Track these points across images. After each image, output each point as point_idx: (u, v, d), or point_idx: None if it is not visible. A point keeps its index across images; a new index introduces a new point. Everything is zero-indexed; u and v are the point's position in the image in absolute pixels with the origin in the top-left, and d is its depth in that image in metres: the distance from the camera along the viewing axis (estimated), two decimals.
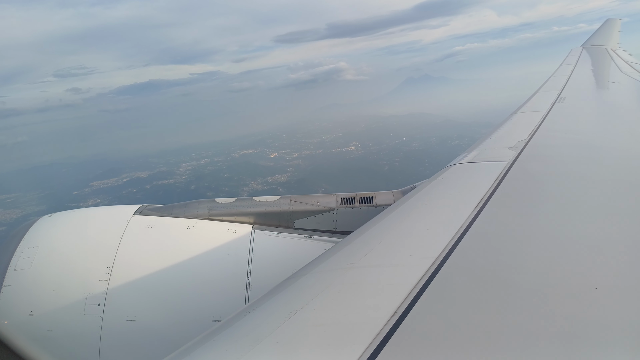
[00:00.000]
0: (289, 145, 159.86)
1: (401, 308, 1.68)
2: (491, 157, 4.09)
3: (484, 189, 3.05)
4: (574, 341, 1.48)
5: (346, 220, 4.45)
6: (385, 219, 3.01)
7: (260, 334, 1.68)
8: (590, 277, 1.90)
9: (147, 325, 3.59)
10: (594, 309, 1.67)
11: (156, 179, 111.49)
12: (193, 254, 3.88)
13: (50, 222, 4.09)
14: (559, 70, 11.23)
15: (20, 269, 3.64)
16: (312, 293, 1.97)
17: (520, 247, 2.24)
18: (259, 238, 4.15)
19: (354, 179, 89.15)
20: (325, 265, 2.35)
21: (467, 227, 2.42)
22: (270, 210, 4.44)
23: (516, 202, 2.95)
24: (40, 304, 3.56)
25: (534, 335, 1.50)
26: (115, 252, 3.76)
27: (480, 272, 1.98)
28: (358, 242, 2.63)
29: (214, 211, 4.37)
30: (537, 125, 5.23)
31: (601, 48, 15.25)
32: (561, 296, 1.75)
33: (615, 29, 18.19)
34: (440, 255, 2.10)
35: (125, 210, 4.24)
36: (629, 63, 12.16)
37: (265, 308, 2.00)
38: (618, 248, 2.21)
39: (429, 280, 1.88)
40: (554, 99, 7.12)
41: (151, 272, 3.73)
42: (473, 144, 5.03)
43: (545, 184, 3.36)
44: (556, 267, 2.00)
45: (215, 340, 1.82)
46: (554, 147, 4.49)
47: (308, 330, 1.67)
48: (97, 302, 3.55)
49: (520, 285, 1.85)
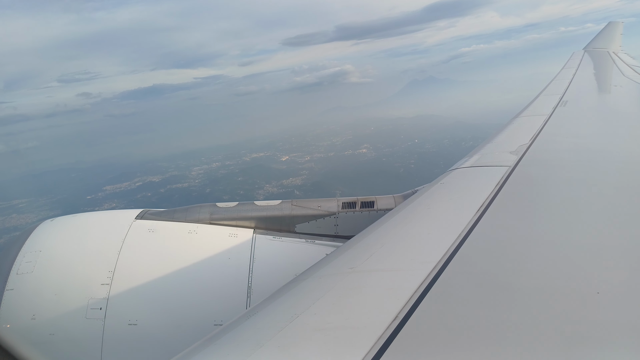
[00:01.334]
0: (299, 148, 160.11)
1: (402, 312, 1.68)
2: (492, 161, 4.07)
3: (485, 194, 3.05)
4: (576, 346, 1.47)
5: (347, 224, 4.45)
6: (386, 223, 3.01)
7: (262, 338, 1.68)
8: (592, 281, 1.89)
9: (149, 329, 3.58)
10: (596, 313, 1.67)
11: (169, 182, 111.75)
12: (194, 259, 3.87)
13: (52, 226, 4.08)
14: (561, 74, 11.21)
15: (23, 273, 3.63)
16: (313, 297, 1.97)
17: (521, 252, 2.24)
18: (260, 242, 4.14)
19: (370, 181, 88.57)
20: (327, 269, 2.36)
21: (468, 231, 2.42)
22: (271, 215, 4.44)
23: (517, 207, 2.95)
24: (42, 308, 3.55)
25: (536, 340, 1.49)
26: (116, 256, 3.76)
27: (481, 277, 1.98)
28: (359, 247, 2.64)
29: (216, 215, 4.37)
30: (539, 130, 5.21)
31: (603, 51, 15.16)
32: (563, 301, 1.74)
33: (617, 32, 18.16)
34: (441, 260, 2.09)
35: (126, 215, 4.24)
36: (632, 66, 11.98)
37: (267, 312, 1.99)
38: (620, 253, 2.20)
39: (430, 285, 1.87)
40: (556, 103, 7.08)
41: (153, 277, 3.72)
42: (474, 147, 5.02)
43: (547, 189, 3.32)
44: (558, 272, 2.00)
45: (216, 344, 1.82)
46: (556, 151, 4.46)
47: (309, 334, 1.66)
48: (98, 306, 3.54)
49: (521, 289, 1.85)
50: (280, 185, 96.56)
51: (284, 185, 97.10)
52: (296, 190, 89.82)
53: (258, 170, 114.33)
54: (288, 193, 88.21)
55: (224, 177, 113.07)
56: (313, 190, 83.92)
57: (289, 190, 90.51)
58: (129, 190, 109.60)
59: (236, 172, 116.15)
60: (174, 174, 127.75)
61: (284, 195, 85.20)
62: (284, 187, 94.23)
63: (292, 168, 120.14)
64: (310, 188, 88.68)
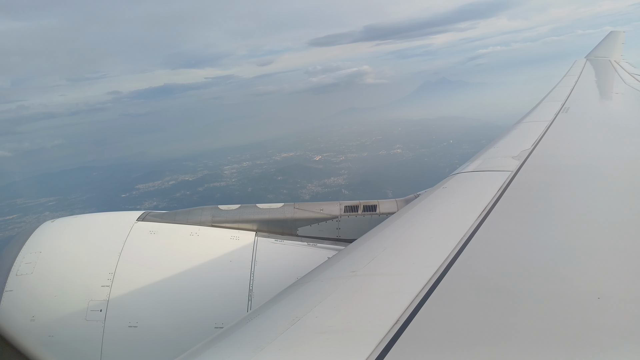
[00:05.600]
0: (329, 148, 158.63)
1: (404, 316, 1.68)
2: (495, 166, 4.09)
3: (488, 198, 3.07)
4: (577, 350, 1.47)
5: (349, 228, 4.43)
6: (388, 227, 3.02)
7: (263, 341, 1.69)
8: (593, 286, 1.91)
9: (149, 331, 3.55)
10: (597, 317, 1.67)
11: (205, 181, 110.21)
12: (196, 261, 3.84)
13: (53, 227, 4.04)
14: (563, 81, 11.24)
15: (22, 274, 3.60)
16: (314, 300, 1.97)
17: (523, 257, 2.25)
18: (262, 245, 4.12)
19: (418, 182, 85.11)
20: (328, 272, 2.37)
21: (470, 236, 2.44)
22: (273, 218, 4.41)
23: (519, 212, 2.95)
24: (41, 309, 3.52)
25: (537, 345, 1.50)
26: (117, 258, 3.73)
27: (482, 281, 1.98)
28: (361, 250, 2.64)
29: (217, 218, 4.35)
30: (541, 135, 5.25)
31: (605, 60, 15.18)
32: (564, 305, 1.75)
33: (618, 41, 18.30)
34: (443, 264, 2.10)
35: (128, 217, 4.21)
36: (633, 75, 11.95)
37: (268, 315, 2.00)
38: (621, 258, 2.21)
39: (431, 289, 1.88)
40: (558, 109, 7.12)
41: (153, 279, 3.69)
42: (477, 152, 4.99)
43: (549, 194, 3.32)
44: (559, 277, 2.01)
45: (217, 346, 1.82)
46: (558, 157, 4.48)
47: (311, 337, 1.66)
48: (99, 308, 3.51)
49: (523, 294, 1.86)
50: (324, 185, 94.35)
51: (327, 184, 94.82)
52: (344, 190, 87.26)
53: (296, 170, 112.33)
54: (335, 193, 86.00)
55: (261, 176, 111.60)
56: (362, 190, 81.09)
57: (335, 190, 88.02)
58: (164, 189, 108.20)
59: (272, 172, 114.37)
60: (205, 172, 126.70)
61: (331, 195, 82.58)
62: (328, 187, 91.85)
63: (330, 168, 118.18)
64: (359, 187, 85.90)
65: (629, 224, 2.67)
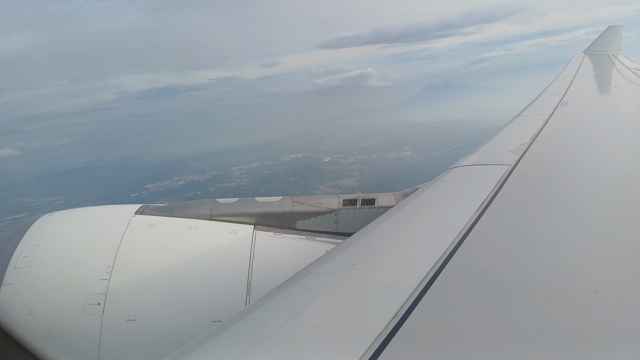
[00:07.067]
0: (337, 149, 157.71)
1: (402, 310, 1.69)
2: (493, 160, 4.09)
3: (486, 192, 3.07)
4: (575, 344, 1.49)
5: (348, 221, 4.42)
6: (386, 220, 3.02)
7: (261, 335, 1.69)
8: (591, 280, 1.92)
9: (148, 325, 3.54)
10: (595, 312, 1.69)
11: (215, 182, 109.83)
12: (194, 254, 3.85)
13: (51, 220, 4.04)
14: (562, 75, 11.15)
15: (20, 267, 3.60)
16: (313, 294, 1.99)
17: (521, 250, 2.26)
18: (261, 239, 4.11)
19: None
20: (327, 266, 2.38)
21: (468, 229, 2.44)
22: (272, 211, 4.39)
23: (518, 205, 2.97)
24: (39, 302, 3.52)
25: (535, 338, 1.51)
26: (116, 251, 3.72)
27: (481, 275, 2.00)
28: (359, 244, 2.65)
29: (216, 211, 4.34)
30: (539, 129, 5.25)
31: (603, 54, 15.15)
32: (562, 299, 1.77)
33: (616, 36, 18.29)
34: (441, 258, 2.10)
35: (126, 210, 4.19)
36: (631, 69, 11.98)
37: (266, 309, 2.00)
38: (619, 252, 2.22)
39: (430, 282, 1.89)
40: (557, 103, 7.09)
41: (152, 272, 3.70)
42: (475, 146, 5.00)
43: (547, 188, 3.35)
44: (557, 270, 2.02)
45: (215, 340, 1.82)
46: (556, 150, 4.51)
47: (309, 331, 1.67)
48: (97, 301, 3.51)
49: (521, 287, 1.87)
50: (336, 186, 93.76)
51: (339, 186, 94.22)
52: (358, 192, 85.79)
53: (307, 171, 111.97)
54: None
55: (271, 177, 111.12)
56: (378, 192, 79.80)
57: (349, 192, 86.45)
58: (174, 189, 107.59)
59: (283, 173, 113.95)
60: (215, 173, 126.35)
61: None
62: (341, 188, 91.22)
63: (340, 169, 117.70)
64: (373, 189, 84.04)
65: (626, 218, 2.68)
